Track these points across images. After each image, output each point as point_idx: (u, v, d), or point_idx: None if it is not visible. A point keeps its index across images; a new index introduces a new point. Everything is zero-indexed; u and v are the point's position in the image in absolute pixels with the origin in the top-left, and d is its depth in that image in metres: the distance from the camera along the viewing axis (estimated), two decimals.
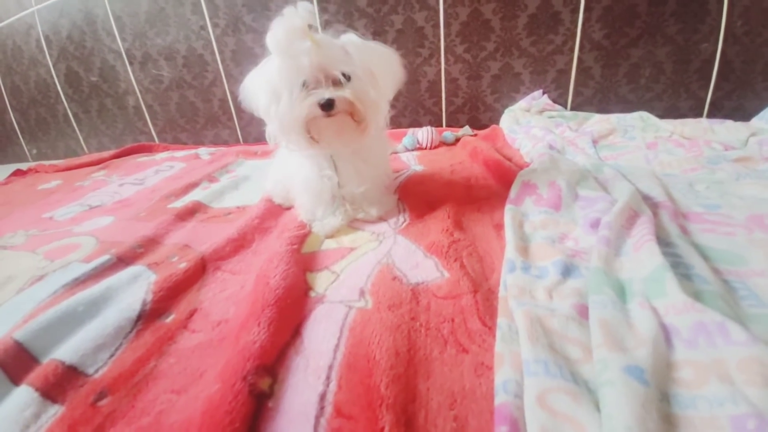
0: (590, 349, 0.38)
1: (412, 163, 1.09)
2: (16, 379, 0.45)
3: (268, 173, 0.91)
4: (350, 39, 0.65)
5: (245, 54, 1.51)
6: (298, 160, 0.74)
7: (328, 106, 0.60)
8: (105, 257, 0.68)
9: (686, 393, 0.34)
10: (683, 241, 0.54)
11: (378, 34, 1.38)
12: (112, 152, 1.67)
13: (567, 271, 0.51)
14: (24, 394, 0.42)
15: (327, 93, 0.60)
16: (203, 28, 1.51)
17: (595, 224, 0.59)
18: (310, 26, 0.60)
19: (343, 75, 0.62)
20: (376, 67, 0.65)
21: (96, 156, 1.67)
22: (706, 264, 0.50)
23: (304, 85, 0.62)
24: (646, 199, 0.68)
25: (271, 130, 0.69)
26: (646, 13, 1.19)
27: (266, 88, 0.63)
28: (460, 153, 1.15)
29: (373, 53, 0.66)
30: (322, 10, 1.38)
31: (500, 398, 0.35)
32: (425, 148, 1.25)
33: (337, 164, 0.72)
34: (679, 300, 0.41)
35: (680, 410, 0.33)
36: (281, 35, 0.60)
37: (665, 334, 0.39)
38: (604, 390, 0.33)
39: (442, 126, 1.47)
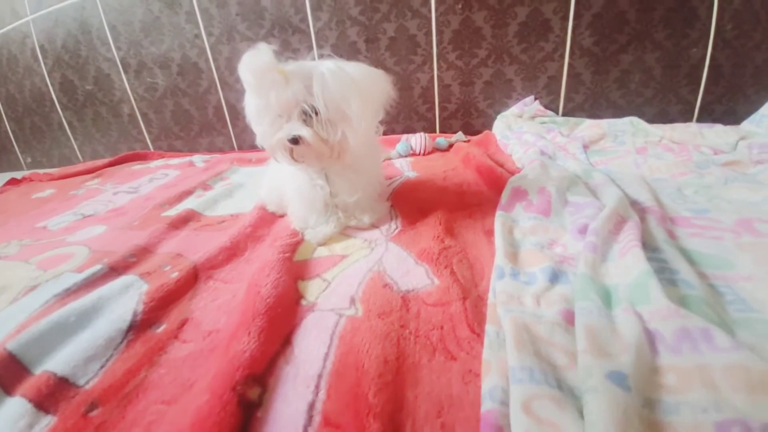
0: (575, 355, 0.38)
1: (406, 170, 1.10)
2: (9, 390, 0.45)
3: (262, 181, 0.91)
4: (326, 67, 0.62)
5: (239, 62, 1.52)
6: (291, 170, 0.75)
7: (294, 141, 0.64)
8: (97, 267, 0.68)
9: (670, 399, 0.34)
10: (670, 246, 0.55)
11: (371, 42, 1.39)
12: (106, 160, 1.67)
13: (555, 277, 0.52)
14: (17, 405, 0.42)
15: (294, 129, 0.64)
16: (197, 36, 1.52)
17: (583, 230, 0.59)
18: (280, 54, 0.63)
19: (312, 108, 0.63)
20: (352, 95, 0.63)
21: (90, 164, 1.67)
22: (693, 269, 0.50)
23: (279, 115, 0.65)
24: (635, 204, 0.69)
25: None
26: (635, 20, 1.21)
27: (249, 112, 0.69)
28: (453, 159, 1.16)
29: (348, 81, 0.62)
30: (315, 18, 1.39)
31: (486, 405, 0.35)
32: (419, 155, 1.26)
33: (329, 175, 0.73)
34: (663, 306, 0.41)
35: (664, 416, 0.33)
36: (248, 75, 0.63)
37: (649, 339, 0.39)
38: (587, 396, 0.33)
39: (435, 132, 1.48)
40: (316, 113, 0.63)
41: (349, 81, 0.62)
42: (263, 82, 0.62)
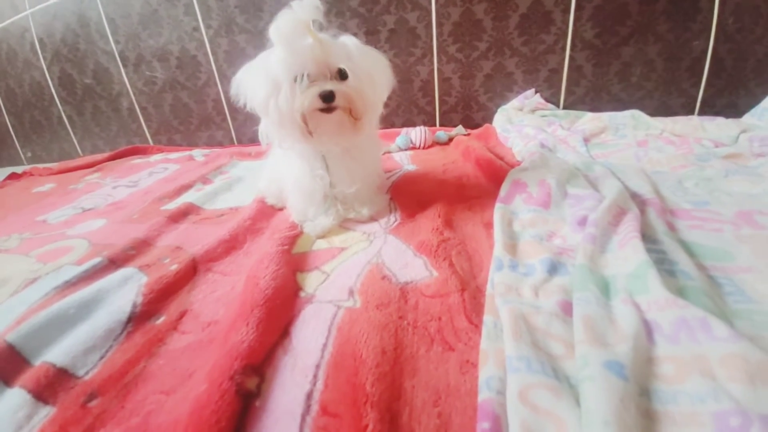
0: (573, 345, 0.38)
1: (405, 163, 1.09)
2: (8, 381, 0.45)
3: (261, 173, 0.91)
4: (350, 39, 0.66)
5: (238, 55, 1.51)
6: (290, 160, 0.75)
7: (329, 97, 0.61)
8: (96, 260, 0.68)
9: (667, 388, 0.34)
10: (669, 238, 0.55)
11: (370, 34, 1.38)
12: (106, 155, 1.67)
13: (554, 268, 0.52)
14: (17, 396, 0.43)
15: (329, 85, 0.61)
16: (196, 29, 1.51)
17: (582, 222, 0.59)
18: (313, 22, 0.62)
19: (342, 72, 0.63)
20: (373, 69, 0.66)
21: (90, 158, 1.67)
22: (691, 260, 0.50)
23: (305, 77, 0.62)
24: (635, 196, 0.68)
25: (264, 127, 0.70)
26: (637, 12, 1.20)
27: (266, 79, 0.63)
28: (452, 152, 1.15)
29: (370, 56, 0.67)
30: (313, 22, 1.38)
31: (483, 395, 0.36)
32: (418, 148, 1.25)
33: (329, 164, 0.73)
34: (661, 296, 0.41)
35: (661, 405, 0.33)
36: (286, 27, 0.61)
37: (647, 329, 0.39)
38: (584, 385, 0.33)
39: (435, 125, 1.47)
40: (345, 78, 0.63)
41: (372, 53, 0.67)
42: (299, 36, 0.61)
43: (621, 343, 0.37)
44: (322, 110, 0.63)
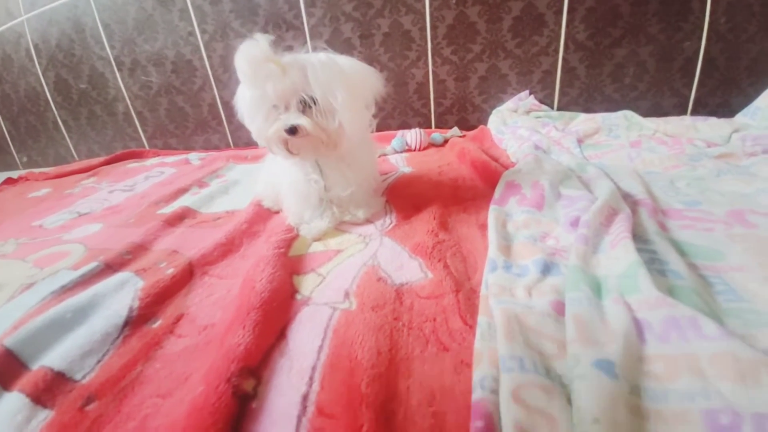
0: (565, 344, 0.39)
1: (401, 165, 1.10)
2: (6, 385, 0.45)
3: (258, 177, 0.92)
4: (318, 59, 0.64)
5: (233, 59, 1.51)
6: (285, 165, 0.75)
7: (292, 131, 0.64)
8: (93, 264, 0.68)
9: (657, 386, 0.35)
10: (660, 238, 0.55)
11: (365, 38, 1.39)
12: (102, 159, 1.67)
13: (547, 269, 0.52)
14: (15, 400, 0.43)
15: (291, 119, 0.64)
16: (191, 34, 1.52)
17: (575, 223, 0.60)
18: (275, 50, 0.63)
19: (311, 97, 0.64)
20: (344, 85, 0.64)
21: (86, 163, 1.67)
22: (683, 260, 0.51)
23: (275, 106, 0.65)
24: (627, 197, 0.69)
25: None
26: (628, 13, 1.21)
27: (242, 106, 0.68)
28: (448, 154, 1.16)
29: (337, 71, 0.64)
30: (309, 14, 1.39)
31: (477, 394, 0.36)
32: (414, 150, 1.26)
33: (323, 169, 0.73)
34: (651, 295, 0.42)
35: (652, 403, 0.34)
36: (245, 66, 0.63)
37: (638, 328, 0.40)
38: (575, 384, 0.34)
39: (430, 127, 1.48)
40: (315, 103, 0.64)
41: (337, 71, 0.64)
42: (259, 72, 0.62)
43: (612, 342, 0.37)
44: (296, 136, 0.65)
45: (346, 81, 0.64)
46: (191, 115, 1.68)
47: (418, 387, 0.40)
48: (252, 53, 0.62)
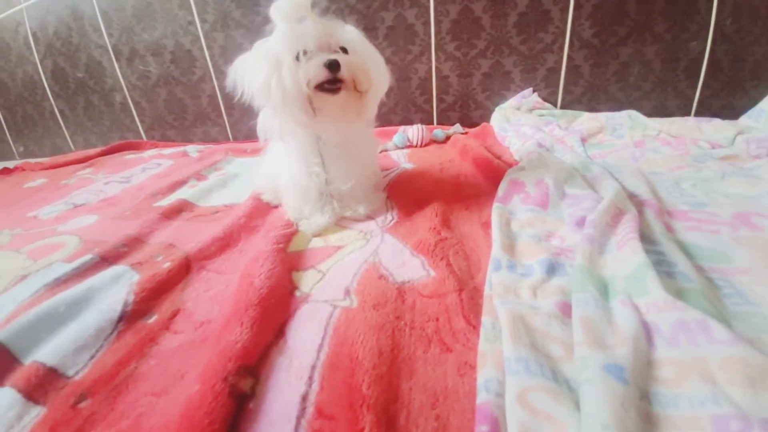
0: (572, 347, 0.38)
1: (402, 161, 1.09)
2: None
3: (258, 169, 0.90)
4: (352, 28, 0.65)
5: (234, 50, 1.49)
6: (286, 157, 0.74)
7: (334, 66, 0.59)
8: (87, 257, 0.67)
9: (667, 392, 0.34)
10: (667, 239, 0.54)
11: (368, 31, 1.36)
12: (98, 150, 1.64)
13: (552, 269, 0.51)
14: (7, 396, 0.42)
15: (333, 55, 0.60)
16: (191, 23, 1.49)
17: (580, 222, 0.59)
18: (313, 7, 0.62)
19: (343, 49, 0.63)
20: (373, 59, 0.66)
21: (82, 154, 1.65)
22: (690, 262, 0.50)
23: (305, 53, 0.61)
24: (632, 197, 0.68)
25: (263, 119, 0.70)
26: (635, 12, 1.19)
27: (266, 59, 0.62)
28: (450, 151, 1.15)
29: (370, 48, 0.67)
30: (313, 5, 1.37)
31: (482, 397, 0.35)
32: (416, 146, 1.25)
33: (325, 160, 0.72)
34: (660, 298, 0.41)
35: (661, 409, 0.33)
36: (286, 6, 0.61)
37: (646, 332, 0.39)
38: (583, 388, 0.33)
39: (432, 124, 1.46)
40: (347, 52, 0.63)
41: (373, 49, 0.67)
42: (296, 18, 0.61)
43: (621, 346, 0.36)
44: (327, 90, 0.62)
45: (374, 56, 0.66)
46: (190, 107, 1.66)
47: (421, 389, 0.39)
48: (290, 2, 0.61)
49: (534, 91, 1.36)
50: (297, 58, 0.61)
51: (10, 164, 1.68)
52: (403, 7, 1.32)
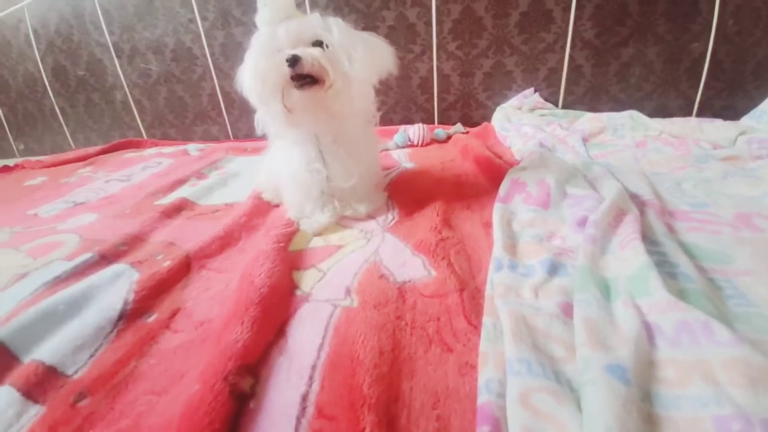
0: (574, 347, 0.38)
1: (403, 161, 1.08)
2: None
3: (260, 166, 0.90)
4: (335, 21, 0.65)
5: (235, 48, 1.49)
6: (287, 154, 0.74)
7: (293, 61, 0.59)
8: (87, 255, 0.67)
9: (669, 392, 0.34)
10: (669, 240, 0.54)
11: (369, 30, 1.36)
12: (98, 148, 1.64)
13: (554, 269, 0.51)
14: (6, 394, 0.42)
15: (295, 51, 0.60)
16: (192, 21, 1.49)
17: (582, 222, 0.59)
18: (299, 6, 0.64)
19: (316, 44, 0.63)
20: (356, 49, 0.64)
21: (82, 152, 1.65)
22: (692, 262, 0.50)
23: (279, 51, 0.62)
24: (634, 197, 0.68)
25: (258, 117, 0.71)
26: (637, 13, 1.19)
27: (248, 58, 0.65)
28: (451, 150, 1.15)
29: (355, 38, 0.65)
30: (312, 4, 1.37)
31: (483, 398, 0.35)
32: (417, 146, 1.24)
33: (326, 158, 0.72)
34: (662, 299, 0.40)
35: (663, 410, 0.33)
36: (267, 13, 0.63)
37: (648, 332, 0.39)
38: (585, 389, 0.33)
39: (434, 123, 1.46)
40: (326, 47, 0.63)
41: (360, 34, 0.66)
42: (278, 15, 0.62)
43: (622, 347, 0.36)
44: (297, 86, 0.62)
45: (364, 44, 0.65)
46: (191, 105, 1.65)
47: (422, 389, 0.39)
48: (276, 3, 0.62)
49: (535, 91, 1.35)
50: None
51: (11, 162, 1.68)
52: (405, 6, 1.32)
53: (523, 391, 0.34)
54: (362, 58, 0.64)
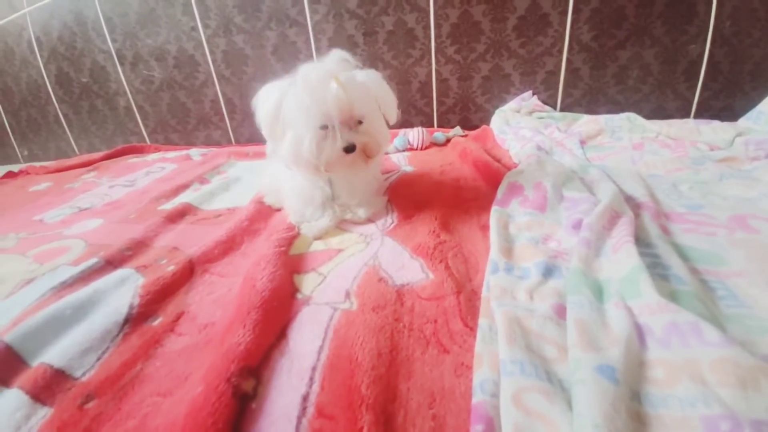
0: (566, 348, 0.39)
1: (403, 164, 1.10)
2: (6, 382, 0.45)
3: (264, 169, 0.92)
4: (369, 77, 0.69)
5: (236, 55, 1.51)
6: (291, 172, 0.76)
7: (351, 149, 0.66)
8: (93, 260, 0.68)
9: (658, 392, 0.35)
10: (663, 242, 0.55)
11: (368, 35, 1.38)
12: (102, 153, 1.66)
13: (548, 271, 0.52)
14: (15, 397, 0.43)
15: (351, 137, 0.66)
16: (194, 29, 1.51)
17: (577, 225, 0.60)
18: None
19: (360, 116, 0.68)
20: (384, 99, 0.72)
21: (86, 157, 1.67)
22: (684, 264, 0.51)
23: (334, 128, 0.65)
24: (629, 199, 0.69)
25: (271, 148, 0.75)
26: (633, 15, 1.20)
27: (285, 122, 0.67)
28: (450, 154, 1.16)
29: (380, 86, 0.71)
30: (312, 11, 1.38)
31: (477, 397, 0.36)
32: (416, 149, 1.26)
33: (332, 180, 0.75)
34: (653, 300, 0.41)
35: (652, 409, 0.34)
36: (315, 77, 0.64)
37: (639, 333, 0.40)
38: (576, 389, 0.34)
39: (433, 126, 1.47)
40: (362, 121, 0.68)
41: (386, 87, 0.71)
42: (323, 86, 0.63)
43: (613, 347, 0.37)
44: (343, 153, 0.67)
45: (386, 90, 0.72)
46: (193, 111, 1.67)
47: (419, 389, 0.40)
48: (327, 66, 0.65)
49: (533, 94, 1.36)
50: (320, 127, 0.65)
51: (15, 168, 1.70)
52: (404, 11, 1.33)
53: (516, 391, 0.35)
54: (392, 109, 0.73)
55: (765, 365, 0.33)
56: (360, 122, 0.67)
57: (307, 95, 0.63)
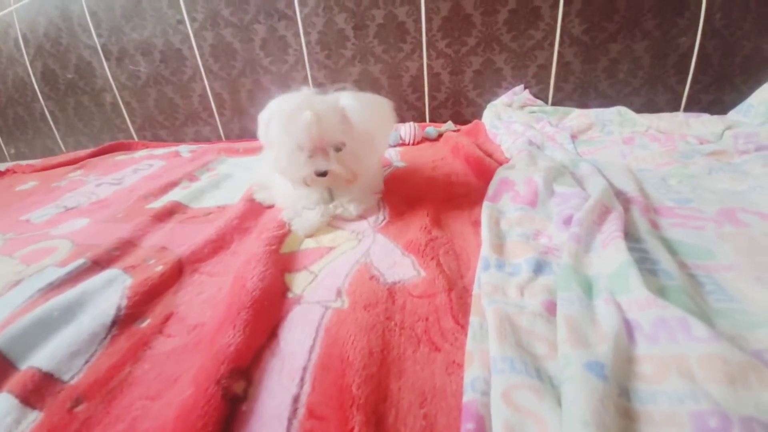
0: (556, 345, 0.39)
1: (395, 160, 1.09)
2: None
3: (259, 164, 0.92)
4: (348, 105, 0.69)
5: (224, 49, 1.49)
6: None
7: (322, 174, 0.70)
8: (80, 261, 0.67)
9: (646, 388, 0.35)
10: (652, 237, 0.55)
11: (359, 29, 1.37)
12: (89, 151, 1.63)
13: (539, 268, 0.52)
14: (4, 401, 0.42)
15: (322, 165, 0.69)
16: (180, 22, 1.48)
17: (567, 221, 0.60)
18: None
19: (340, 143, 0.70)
20: (373, 124, 0.72)
21: (73, 155, 1.64)
22: (673, 259, 0.51)
23: (303, 150, 0.69)
24: (619, 194, 0.69)
25: (266, 156, 0.79)
26: (624, 8, 1.20)
27: (272, 141, 0.71)
28: (442, 149, 1.15)
29: (369, 113, 0.72)
30: (302, 4, 1.36)
31: (468, 396, 0.36)
32: (408, 144, 1.25)
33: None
34: (642, 296, 0.42)
35: (640, 405, 0.34)
36: (284, 115, 0.67)
37: (628, 329, 0.40)
38: (565, 386, 0.34)
39: (425, 121, 1.47)
40: (343, 147, 0.70)
41: (369, 105, 0.72)
42: (295, 117, 0.66)
43: (602, 344, 0.37)
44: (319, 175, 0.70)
45: (376, 114, 0.73)
46: (181, 107, 1.65)
47: (410, 388, 0.40)
48: (289, 104, 0.68)
49: (525, 88, 1.36)
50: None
51: (2, 167, 1.66)
52: (394, 4, 1.32)
53: (506, 389, 0.35)
54: (382, 132, 0.74)
55: (754, 361, 0.33)
56: (339, 149, 0.70)
57: (282, 123, 0.68)
